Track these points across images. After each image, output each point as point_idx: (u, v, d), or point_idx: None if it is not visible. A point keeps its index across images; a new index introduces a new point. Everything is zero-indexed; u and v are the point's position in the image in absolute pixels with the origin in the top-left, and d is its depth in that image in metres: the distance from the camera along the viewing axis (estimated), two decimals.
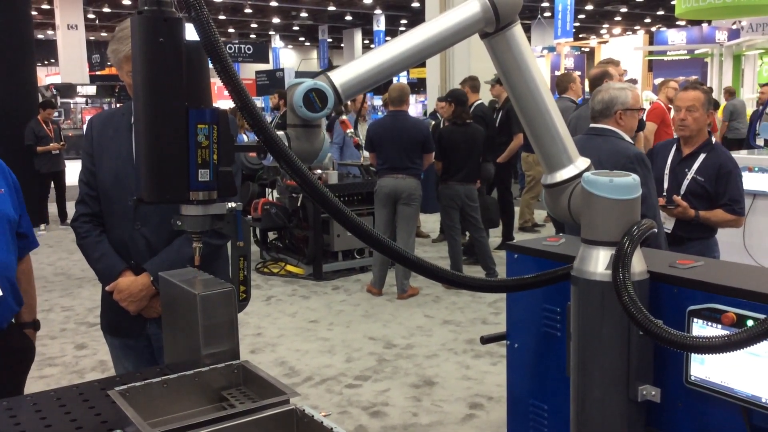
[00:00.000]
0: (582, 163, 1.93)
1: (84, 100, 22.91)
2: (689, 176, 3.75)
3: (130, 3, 27.00)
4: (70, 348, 5.34)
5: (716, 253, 3.86)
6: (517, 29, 1.79)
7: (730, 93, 14.00)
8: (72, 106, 23.20)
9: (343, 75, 1.59)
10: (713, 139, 3.84)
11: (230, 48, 28.20)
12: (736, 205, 3.72)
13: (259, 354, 5.10)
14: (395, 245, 1.58)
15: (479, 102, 7.81)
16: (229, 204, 1.50)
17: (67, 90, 22.69)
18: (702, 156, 3.76)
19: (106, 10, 27.34)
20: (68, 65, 23.56)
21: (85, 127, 9.79)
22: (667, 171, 3.83)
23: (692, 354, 1.74)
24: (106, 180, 2.48)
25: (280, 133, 1.49)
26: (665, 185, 3.81)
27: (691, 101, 3.74)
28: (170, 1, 1.38)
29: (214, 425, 1.43)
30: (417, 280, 7.04)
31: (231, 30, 34.30)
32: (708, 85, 16.09)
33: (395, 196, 6.36)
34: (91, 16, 27.90)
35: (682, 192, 3.75)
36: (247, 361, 1.70)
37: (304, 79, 1.54)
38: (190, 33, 1.39)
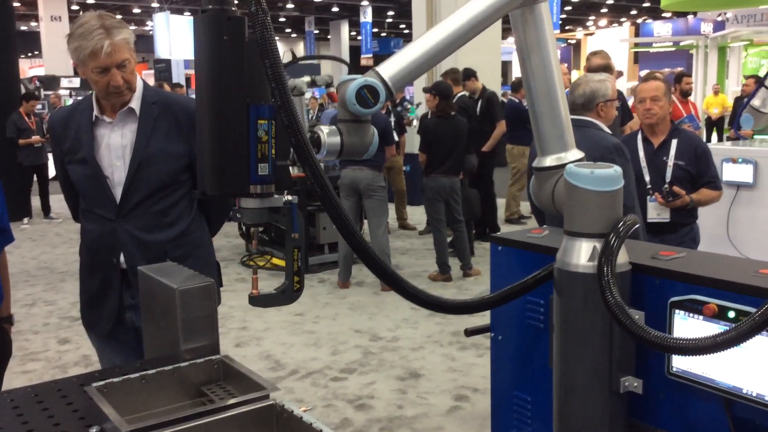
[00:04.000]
0: (575, 154, 1.93)
1: (68, 92, 22.74)
2: (670, 163, 3.81)
3: None
4: (53, 343, 5.30)
5: (699, 236, 4.00)
6: (545, 6, 1.81)
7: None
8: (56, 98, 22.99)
9: (390, 68, 1.62)
10: (684, 121, 3.99)
11: None
12: (717, 181, 3.90)
13: (245, 347, 5.09)
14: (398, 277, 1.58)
15: (462, 94, 7.82)
16: (286, 197, 1.53)
17: (51, 82, 22.47)
18: (675, 141, 3.85)
19: (90, 1, 27.07)
20: (52, 57, 23.32)
21: (45, 127, 9.71)
22: (644, 164, 3.87)
23: None
24: (80, 178, 2.46)
25: (332, 127, 1.56)
26: (647, 178, 3.83)
27: (653, 91, 3.84)
28: (232, 1, 1.42)
29: (192, 421, 1.42)
30: (403, 272, 7.04)
31: (193, 19, 34.06)
32: (693, 76, 16.20)
33: (356, 188, 6.46)
34: (75, 7, 27.62)
35: (668, 180, 3.79)
36: (228, 356, 1.69)
37: (355, 75, 1.58)
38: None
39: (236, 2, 1.44)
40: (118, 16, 2.45)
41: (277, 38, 1.40)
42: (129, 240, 2.45)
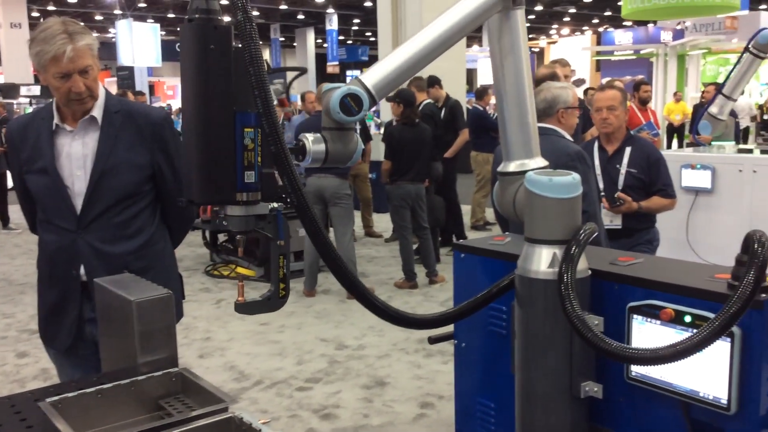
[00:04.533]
0: (539, 161, 1.95)
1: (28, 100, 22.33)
2: (623, 171, 3.88)
3: (75, 1, 26.38)
4: (11, 356, 5.17)
5: (658, 240, 4.06)
6: (521, 13, 1.85)
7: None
8: (15, 106, 22.54)
9: (374, 76, 1.66)
10: (632, 132, 4.06)
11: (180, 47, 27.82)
12: (669, 189, 3.97)
13: (208, 358, 5.02)
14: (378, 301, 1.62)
15: (427, 101, 7.85)
16: (272, 204, 1.53)
17: (11, 90, 22.03)
18: (628, 149, 3.92)
19: (50, 8, 26.65)
20: (11, 65, 22.90)
21: (3, 136, 9.53)
22: (598, 171, 3.93)
23: None
24: (40, 188, 2.41)
25: (317, 135, 1.59)
26: (601, 185, 3.90)
27: (610, 100, 3.90)
28: (218, 9, 1.43)
29: None
30: (369, 279, 7.03)
31: (179, 28, 33.79)
32: (653, 84, 16.50)
33: (321, 196, 6.45)
34: (35, 14, 27.17)
35: (620, 188, 3.87)
36: (186, 369, 1.66)
37: (338, 84, 1.62)
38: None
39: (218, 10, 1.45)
40: (80, 23, 2.41)
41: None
42: (89, 252, 2.40)
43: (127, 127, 2.43)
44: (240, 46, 1.35)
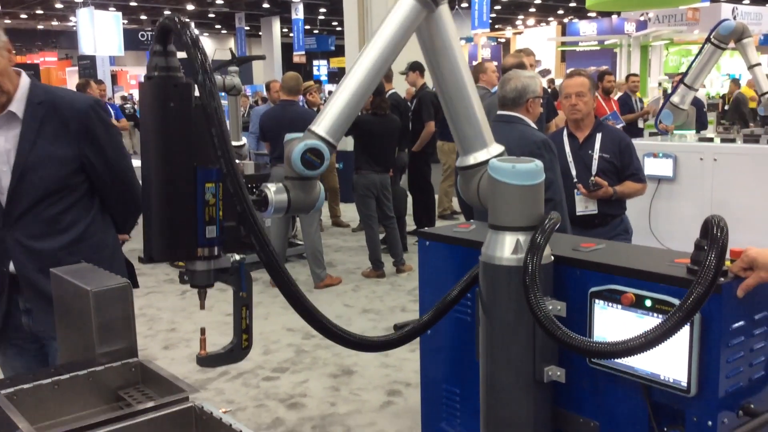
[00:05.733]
0: (495, 149, 1.95)
1: None
2: (595, 156, 3.90)
3: None
4: None
5: (631, 228, 4.14)
6: (445, 9, 1.82)
7: (736, 83, 14.72)
8: None
9: (325, 124, 1.67)
10: (609, 118, 4.09)
11: (143, 36, 27.33)
12: (640, 173, 4.01)
13: (173, 350, 4.97)
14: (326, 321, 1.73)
15: (393, 91, 7.83)
16: (234, 256, 1.53)
17: None
18: (599, 135, 3.95)
19: None
20: None
21: None
22: (570, 159, 3.95)
23: (594, 334, 1.77)
24: None
25: (279, 185, 1.61)
26: (573, 172, 3.91)
27: (579, 87, 3.90)
28: (178, 66, 1.43)
29: (108, 426, 1.37)
30: (336, 269, 7.02)
31: (143, 17, 33.20)
32: (617, 74, 16.69)
33: None
34: None
35: (594, 173, 3.88)
36: (146, 359, 1.63)
37: (298, 134, 1.66)
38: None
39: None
40: (39, 11, 2.28)
41: (206, 35, 1.38)
42: (17, 248, 2.31)
43: (51, 118, 2.30)
44: (200, 101, 1.36)
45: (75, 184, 2.37)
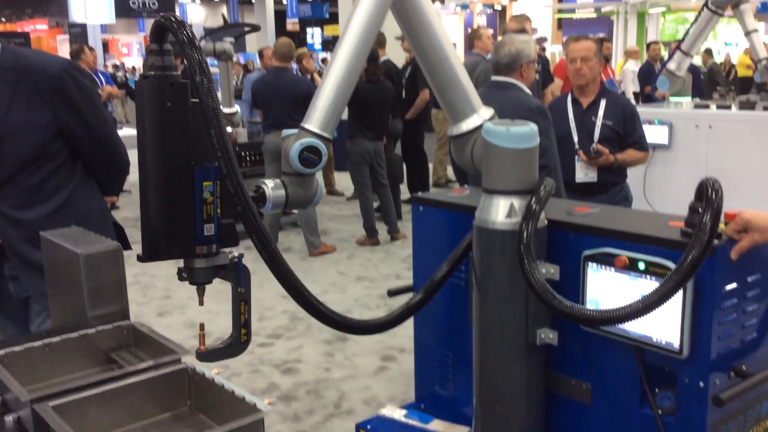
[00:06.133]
0: (485, 112, 1.93)
1: None
2: (599, 123, 3.85)
3: None
4: None
5: (632, 195, 4.13)
6: None
7: (709, 54, 14.63)
8: None
9: (316, 119, 1.67)
10: (606, 86, 4.03)
11: (134, 3, 26.96)
12: (643, 141, 3.97)
13: (168, 317, 4.98)
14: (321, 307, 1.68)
15: (386, 58, 7.76)
16: (232, 253, 1.53)
17: None
18: (603, 101, 3.89)
19: None
20: None
21: None
22: (573, 125, 3.90)
23: (587, 297, 1.77)
24: None
25: (277, 181, 1.62)
26: (575, 138, 3.87)
27: (584, 51, 3.84)
28: (175, 65, 1.43)
29: (101, 387, 1.37)
30: (330, 237, 7.02)
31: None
32: (614, 42, 16.57)
33: (279, 154, 6.29)
34: None
35: (596, 140, 3.84)
36: (138, 322, 1.63)
37: (292, 130, 1.67)
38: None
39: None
40: None
41: (198, 1, 1.35)
42: (1, 220, 2.28)
43: (23, 84, 2.22)
44: (197, 100, 1.35)
45: (55, 150, 2.31)
